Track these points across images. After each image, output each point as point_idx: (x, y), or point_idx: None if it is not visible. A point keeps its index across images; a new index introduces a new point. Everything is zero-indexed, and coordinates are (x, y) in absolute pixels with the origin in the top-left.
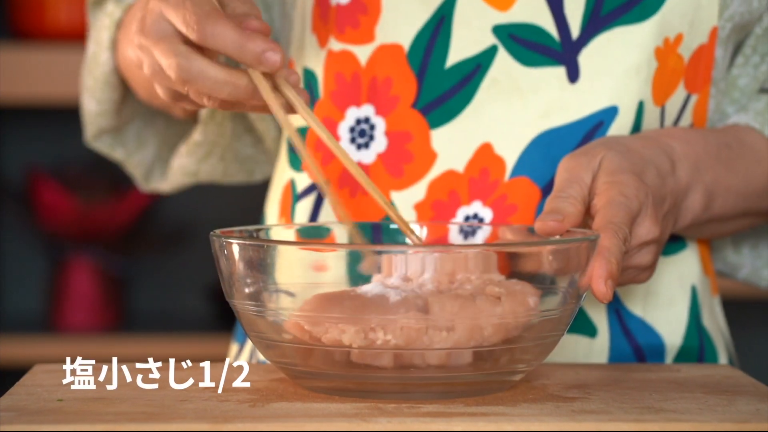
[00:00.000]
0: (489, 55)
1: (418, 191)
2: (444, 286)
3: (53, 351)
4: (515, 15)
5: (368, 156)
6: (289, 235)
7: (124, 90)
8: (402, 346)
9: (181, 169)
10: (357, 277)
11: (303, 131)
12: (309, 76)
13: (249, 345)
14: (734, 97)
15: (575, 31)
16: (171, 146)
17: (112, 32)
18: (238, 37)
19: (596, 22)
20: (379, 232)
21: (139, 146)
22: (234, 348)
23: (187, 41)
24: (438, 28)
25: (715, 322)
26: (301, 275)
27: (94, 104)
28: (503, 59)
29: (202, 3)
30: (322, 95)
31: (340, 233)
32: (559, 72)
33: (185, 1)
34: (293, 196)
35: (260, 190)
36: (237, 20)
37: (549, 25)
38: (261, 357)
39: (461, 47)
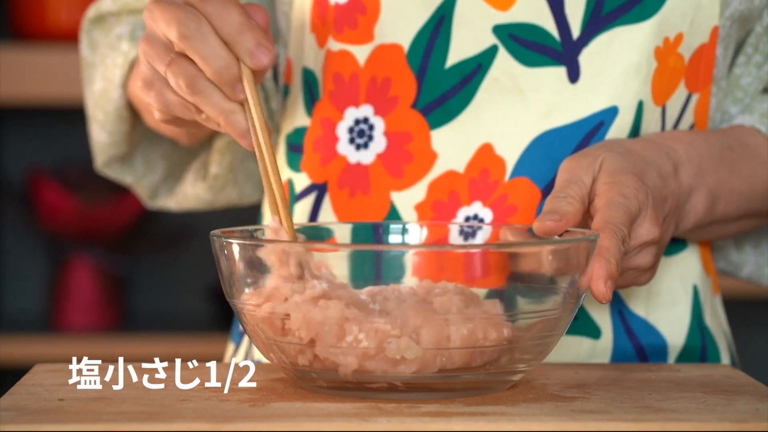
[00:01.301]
0: (489, 55)
1: (418, 192)
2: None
3: (54, 351)
4: (515, 15)
5: (367, 156)
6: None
7: (133, 120)
8: (372, 349)
9: (196, 198)
10: (358, 277)
11: (302, 131)
12: (308, 76)
13: (244, 344)
14: (737, 97)
15: (576, 31)
16: (178, 166)
17: (125, 71)
18: (241, 21)
19: (597, 22)
20: (380, 233)
21: (147, 170)
22: (230, 347)
23: None
24: (438, 28)
25: (717, 321)
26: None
27: (105, 136)
28: (504, 59)
29: None
30: (321, 96)
31: (341, 234)
32: (560, 72)
33: None
34: (291, 196)
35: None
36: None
37: (549, 25)
38: (256, 356)
39: (461, 47)
